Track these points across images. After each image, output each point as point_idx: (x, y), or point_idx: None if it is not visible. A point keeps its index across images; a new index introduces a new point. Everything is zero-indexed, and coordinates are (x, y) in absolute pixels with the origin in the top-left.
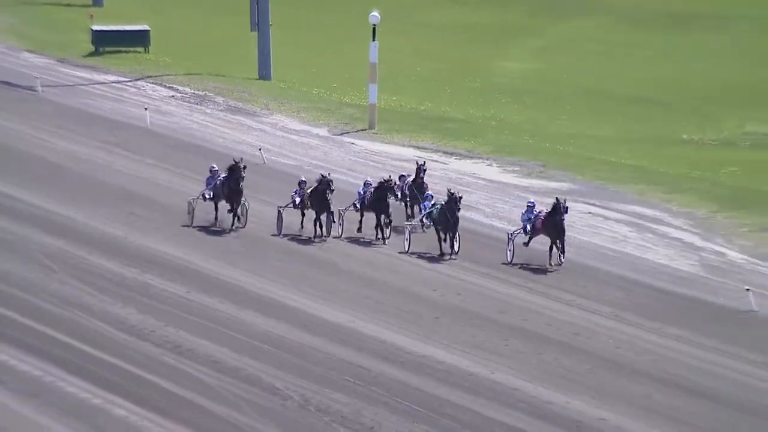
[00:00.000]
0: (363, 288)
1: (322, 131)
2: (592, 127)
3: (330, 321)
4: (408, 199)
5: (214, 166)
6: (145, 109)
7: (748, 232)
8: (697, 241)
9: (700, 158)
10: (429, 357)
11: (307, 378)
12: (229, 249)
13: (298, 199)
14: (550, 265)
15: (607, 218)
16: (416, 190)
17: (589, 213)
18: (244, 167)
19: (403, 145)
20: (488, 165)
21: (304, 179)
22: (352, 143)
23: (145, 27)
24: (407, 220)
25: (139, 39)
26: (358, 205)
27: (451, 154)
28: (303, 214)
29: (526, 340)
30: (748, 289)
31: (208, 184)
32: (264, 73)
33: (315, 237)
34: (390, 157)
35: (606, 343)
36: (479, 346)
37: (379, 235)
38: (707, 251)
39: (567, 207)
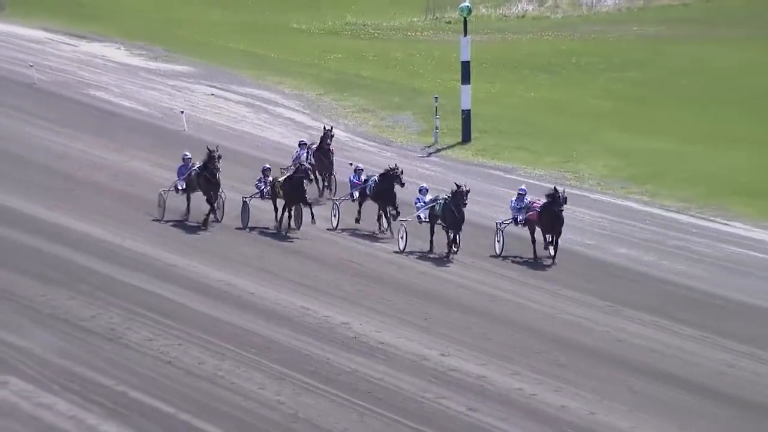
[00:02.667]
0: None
1: None
2: (209, 13)
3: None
4: (314, 169)
5: (187, 153)
6: None
7: (351, 113)
8: (308, 121)
9: (308, 45)
10: (72, 229)
11: None
12: None
13: (266, 188)
14: (549, 258)
15: (227, 99)
16: (322, 156)
17: (212, 95)
18: (219, 157)
19: (35, 27)
20: (117, 48)
21: (268, 166)
22: None
23: None
24: (320, 194)
25: None
26: (356, 195)
27: (82, 37)
28: (276, 205)
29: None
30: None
31: (180, 174)
32: None
33: (283, 230)
34: (22, 38)
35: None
36: (119, 219)
37: (384, 226)
38: (316, 129)
39: (566, 197)
